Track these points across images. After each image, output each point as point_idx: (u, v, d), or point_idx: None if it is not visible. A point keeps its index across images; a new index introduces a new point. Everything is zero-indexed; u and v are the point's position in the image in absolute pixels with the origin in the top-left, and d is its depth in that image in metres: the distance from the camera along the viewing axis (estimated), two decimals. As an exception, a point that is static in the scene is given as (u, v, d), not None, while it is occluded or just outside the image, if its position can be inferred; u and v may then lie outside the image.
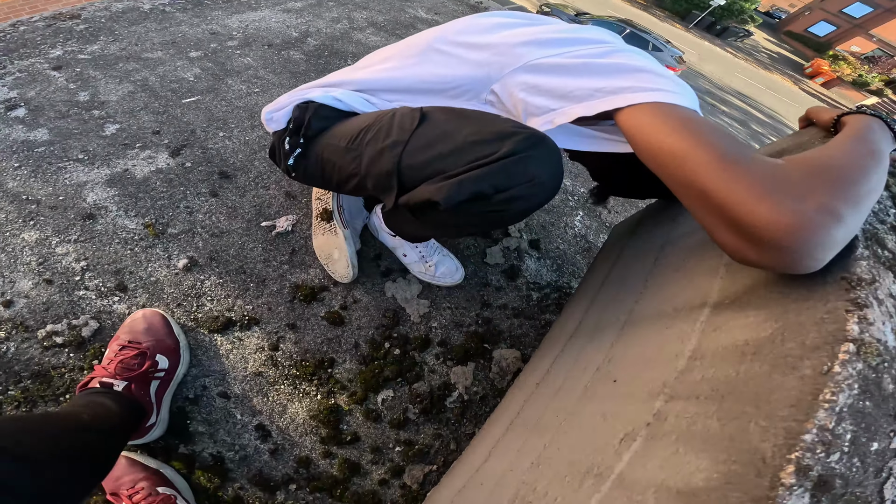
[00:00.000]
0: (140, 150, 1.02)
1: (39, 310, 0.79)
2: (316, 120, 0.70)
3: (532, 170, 0.54)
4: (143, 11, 1.62)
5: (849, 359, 0.30)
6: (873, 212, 0.43)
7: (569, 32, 0.60)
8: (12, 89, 1.11)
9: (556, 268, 1.16)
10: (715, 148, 0.40)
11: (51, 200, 0.90)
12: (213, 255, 0.89)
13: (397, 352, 0.88)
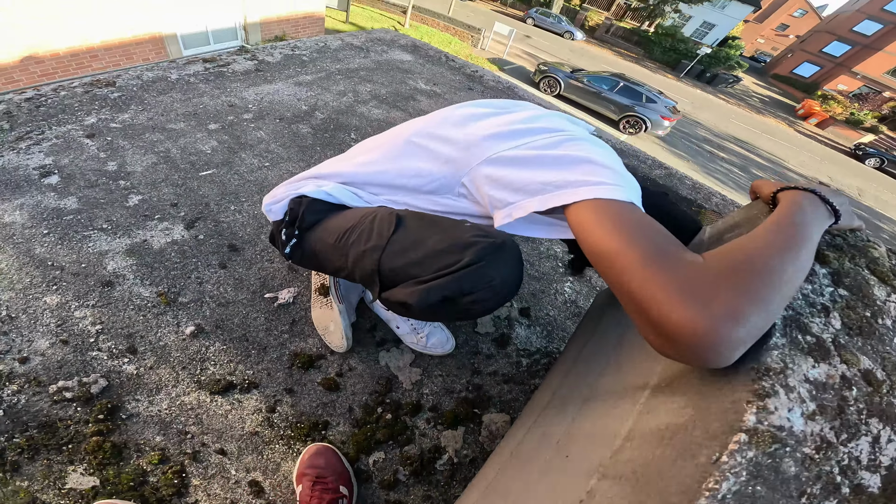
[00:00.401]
0: (159, 221, 1.13)
1: (53, 367, 0.86)
2: (309, 213, 0.78)
3: (491, 275, 0.61)
4: (170, 81, 1.79)
5: (738, 448, 0.32)
6: (804, 294, 0.44)
7: (529, 122, 0.65)
8: (48, 155, 1.23)
9: (545, 334, 1.20)
10: (640, 249, 0.43)
11: (74, 267, 0.99)
12: (218, 324, 0.97)
13: (389, 416, 0.94)
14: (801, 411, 0.35)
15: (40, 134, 1.31)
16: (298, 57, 2.25)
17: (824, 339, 0.41)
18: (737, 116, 19.83)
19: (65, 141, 1.30)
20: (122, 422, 0.82)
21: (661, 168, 2.09)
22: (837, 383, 0.38)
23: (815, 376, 0.38)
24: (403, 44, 2.77)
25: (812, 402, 0.36)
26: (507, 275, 0.62)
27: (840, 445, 0.34)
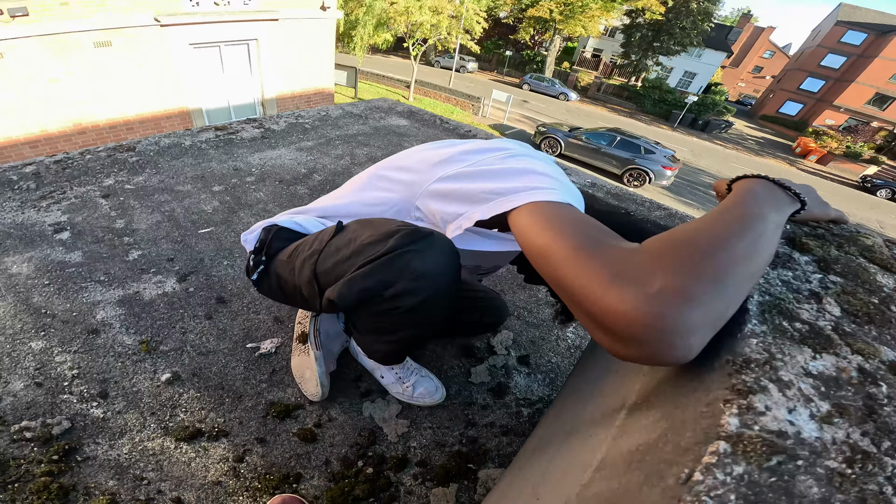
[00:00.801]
0: (153, 274, 1.21)
1: (21, 407, 0.88)
2: (276, 241, 0.80)
3: (414, 263, 0.59)
4: (184, 147, 1.98)
5: (717, 462, 0.25)
6: (783, 281, 0.40)
7: (478, 145, 0.66)
8: (64, 213, 1.36)
9: (548, 382, 1.16)
10: (571, 240, 0.41)
11: (65, 315, 1.06)
12: (195, 371, 1.00)
13: (370, 471, 0.88)
14: (809, 413, 0.28)
15: (61, 193, 1.45)
16: (301, 125, 2.48)
17: (821, 327, 0.35)
18: (736, 160, 20.19)
19: (82, 200, 1.44)
20: (77, 464, 0.81)
21: (660, 209, 2.11)
22: (855, 378, 0.31)
23: (819, 370, 0.31)
24: (400, 110, 2.99)
25: (824, 402, 0.29)
26: (430, 263, 0.60)
27: (884, 456, 0.26)
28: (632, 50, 27.05)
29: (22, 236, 1.27)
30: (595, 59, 33.34)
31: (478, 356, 1.18)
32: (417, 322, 0.70)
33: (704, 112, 25.67)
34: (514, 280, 1.47)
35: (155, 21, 5.93)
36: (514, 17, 28.74)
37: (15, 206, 1.42)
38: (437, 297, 0.63)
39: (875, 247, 0.48)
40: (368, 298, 0.63)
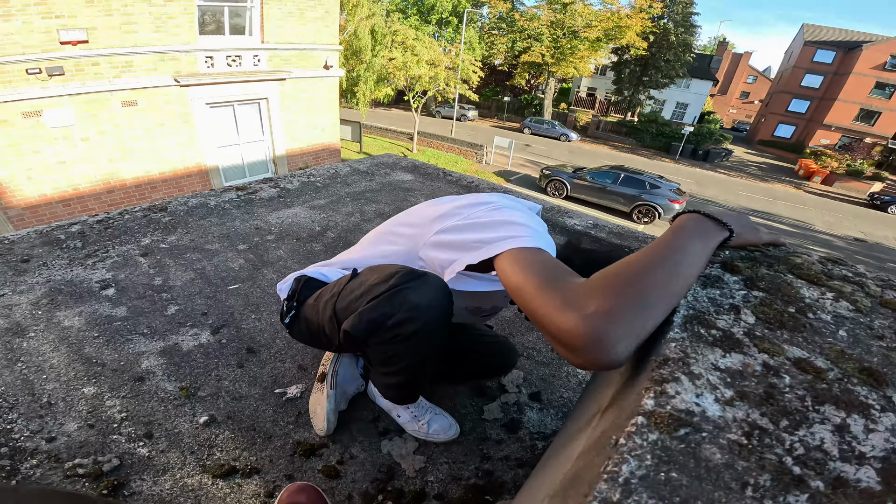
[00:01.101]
0: (190, 327, 1.35)
1: (75, 447, 0.96)
2: (305, 289, 0.93)
3: (410, 297, 0.71)
4: (209, 207, 2.18)
5: (636, 430, 0.32)
6: (710, 298, 0.47)
7: (470, 200, 0.79)
8: (109, 271, 1.52)
9: (560, 416, 1.19)
10: (538, 279, 0.52)
11: (114, 364, 1.18)
12: (230, 415, 1.08)
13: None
14: (714, 397, 0.35)
15: (105, 252, 1.62)
16: (313, 183, 2.68)
17: (733, 332, 0.43)
18: (742, 188, 20.33)
19: (123, 259, 1.61)
20: (124, 498, 0.88)
21: None
22: (759, 371, 0.38)
23: (727, 365, 0.39)
24: (404, 165, 3.20)
25: (728, 389, 0.36)
26: (425, 297, 0.72)
27: (783, 433, 0.33)
28: (623, 86, 28.32)
29: (72, 292, 1.43)
30: (590, 98, 34.61)
31: (490, 395, 1.24)
32: (417, 349, 0.80)
33: (703, 142, 26.25)
34: (522, 323, 1.56)
35: (175, 81, 6.44)
36: (508, 63, 30.28)
37: (64, 263, 1.59)
38: (431, 324, 0.74)
39: (805, 264, 0.55)
40: (375, 329, 0.75)
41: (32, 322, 1.32)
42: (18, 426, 1.01)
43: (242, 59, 7.24)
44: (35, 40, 5.08)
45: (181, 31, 6.28)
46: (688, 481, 0.28)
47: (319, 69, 8.41)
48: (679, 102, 31.37)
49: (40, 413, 1.04)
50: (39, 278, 1.51)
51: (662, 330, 0.44)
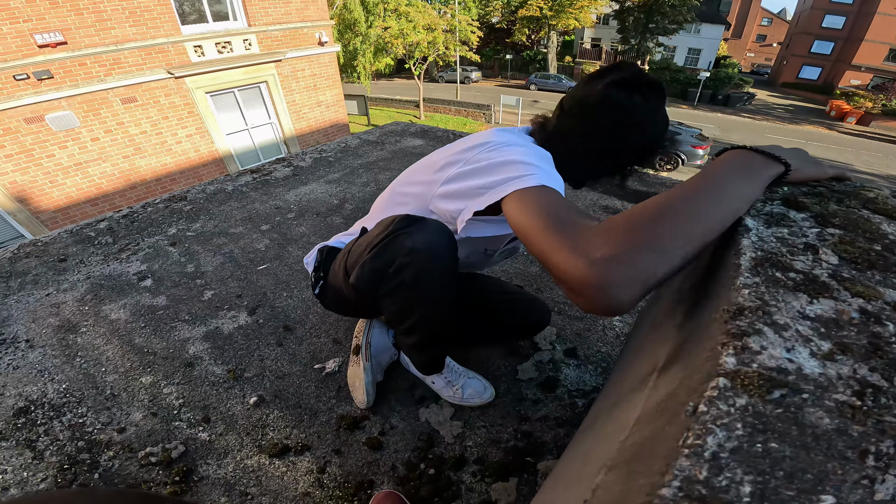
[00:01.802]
0: (227, 311, 1.37)
1: (143, 436, 1.01)
2: (328, 258, 0.98)
3: (406, 242, 0.71)
4: (227, 192, 2.18)
5: (719, 395, 0.27)
6: (778, 238, 0.42)
7: (466, 143, 0.77)
8: (143, 263, 1.55)
9: (600, 371, 1.16)
10: (544, 220, 0.50)
11: (164, 352, 1.22)
12: (277, 393, 1.12)
13: (432, 472, 0.94)
14: (809, 351, 0.30)
15: (136, 245, 1.65)
16: (325, 158, 2.66)
17: (816, 275, 0.38)
18: (771, 130, 19.45)
19: (154, 250, 1.63)
20: (195, 483, 0.92)
21: None
22: (857, 319, 0.33)
23: (816, 313, 0.34)
24: (413, 131, 3.14)
25: (824, 341, 0.31)
26: (420, 240, 0.71)
27: None
28: (629, 34, 26.54)
29: (113, 286, 1.47)
30: (596, 49, 32.96)
31: (523, 354, 1.22)
32: (424, 295, 0.78)
33: (721, 86, 24.95)
34: (550, 278, 1.53)
35: (169, 74, 6.38)
36: (506, 20, 28.96)
37: (99, 259, 1.63)
38: (431, 268, 0.73)
39: (879, 198, 0.49)
40: (378, 278, 0.75)
41: (81, 318, 1.37)
42: (90, 419, 1.07)
43: (233, 45, 7.06)
44: (11, 45, 5.09)
45: (161, 24, 6.16)
46: (792, 452, 0.24)
47: (314, 46, 8.20)
48: (691, 48, 29.60)
49: (106, 405, 1.09)
50: (79, 275, 1.55)
51: (723, 276, 0.40)
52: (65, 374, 1.18)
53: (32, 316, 1.38)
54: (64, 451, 0.99)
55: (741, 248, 0.41)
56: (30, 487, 0.93)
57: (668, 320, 0.54)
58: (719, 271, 0.45)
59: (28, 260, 1.65)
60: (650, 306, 0.86)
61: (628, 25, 26.03)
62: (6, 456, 0.99)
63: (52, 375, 1.18)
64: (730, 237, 0.47)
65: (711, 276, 0.48)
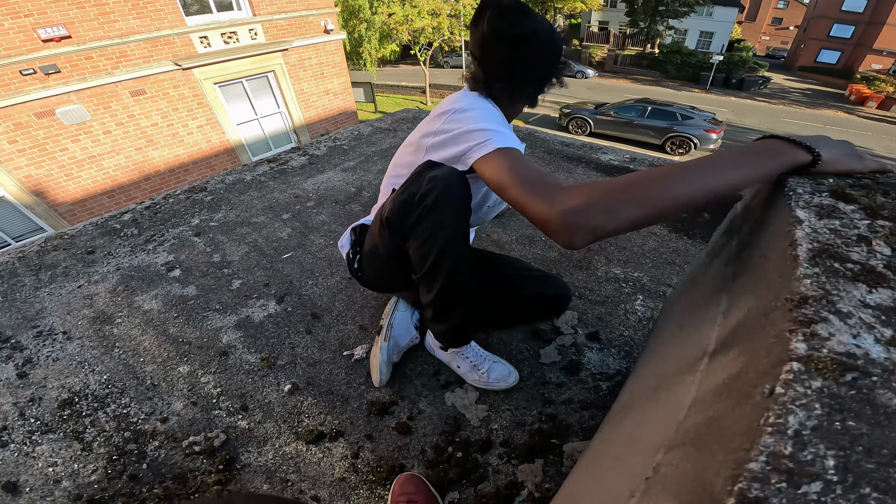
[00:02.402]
0: (256, 299, 1.39)
1: (186, 425, 1.04)
2: (362, 235, 1.07)
3: (429, 173, 0.82)
4: (246, 182, 2.18)
5: (795, 378, 0.29)
6: (831, 229, 0.44)
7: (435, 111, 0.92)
8: (170, 253, 1.56)
9: (623, 355, 1.16)
10: (516, 176, 0.66)
11: (198, 342, 1.24)
12: (309, 381, 1.13)
13: (460, 455, 0.95)
14: (873, 338, 0.32)
15: (161, 236, 1.66)
16: (340, 147, 2.65)
17: (873, 266, 0.40)
18: (787, 114, 18.89)
19: (179, 240, 1.64)
20: (237, 472, 0.94)
21: None
22: None
23: (876, 301, 0.36)
24: (424, 118, 3.12)
25: (886, 328, 0.33)
26: (441, 172, 0.82)
27: None
28: (638, 17, 25.78)
29: (143, 277, 1.49)
30: (603, 32, 32.15)
31: (545, 338, 1.22)
32: (443, 222, 0.85)
33: (735, 70, 24.17)
34: (568, 261, 1.53)
35: (176, 65, 6.37)
36: None
37: (127, 250, 1.65)
38: (451, 193, 0.82)
39: None
40: (406, 208, 0.84)
41: (115, 309, 1.39)
42: (133, 409, 1.09)
43: (238, 35, 7.01)
44: (14, 41, 5.09)
45: (165, 15, 6.12)
46: (868, 429, 0.26)
47: (320, 34, 8.14)
48: (703, 31, 28.63)
49: (148, 395, 1.12)
50: (109, 267, 1.57)
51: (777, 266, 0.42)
52: (105, 364, 1.21)
53: (67, 308, 1.41)
54: (111, 442, 1.02)
55: (796, 240, 0.43)
56: (81, 480, 0.95)
57: (711, 307, 0.55)
58: (768, 261, 0.47)
59: (56, 253, 1.68)
60: (681, 293, 0.86)
61: (637, 8, 25.25)
62: (55, 448, 1.01)
63: (92, 367, 1.21)
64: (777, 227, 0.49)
65: (759, 266, 0.49)
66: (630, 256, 1.55)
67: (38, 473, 0.97)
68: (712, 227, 1.69)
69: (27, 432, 1.05)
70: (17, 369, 1.21)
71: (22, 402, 1.12)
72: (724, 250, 0.68)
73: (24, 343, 1.29)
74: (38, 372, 1.20)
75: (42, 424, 1.07)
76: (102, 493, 0.92)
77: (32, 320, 1.36)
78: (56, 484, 0.94)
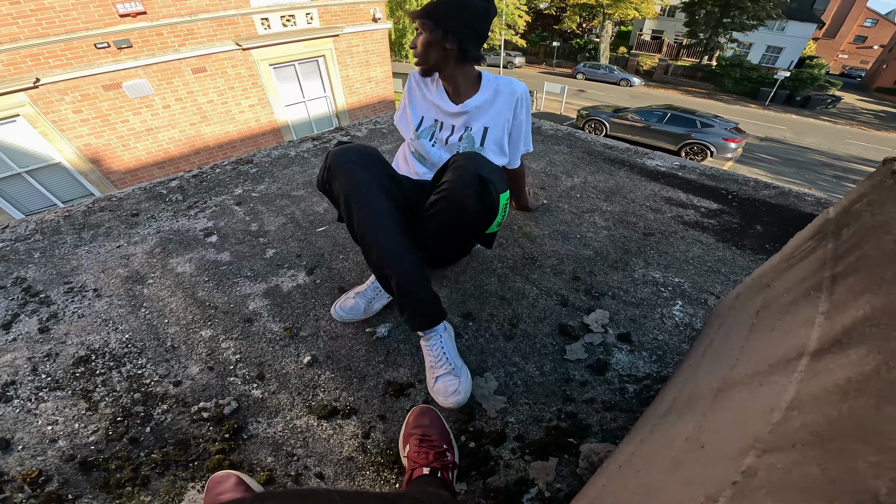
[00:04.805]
0: (287, 269, 1.40)
1: (198, 390, 1.02)
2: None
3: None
4: (290, 157, 2.22)
5: None
6: None
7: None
8: (210, 220, 1.60)
9: (655, 359, 1.12)
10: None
11: (224, 307, 1.26)
12: (329, 354, 1.12)
13: (472, 445, 0.93)
14: None
15: (204, 203, 1.71)
16: (379, 130, 2.68)
17: None
18: (853, 136, 17.65)
19: (220, 208, 1.69)
20: (243, 442, 0.92)
21: (769, 189, 1.93)
22: None
23: None
24: None
25: None
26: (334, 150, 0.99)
27: None
28: (698, 28, 24.63)
29: (181, 240, 1.53)
30: (656, 41, 30.94)
31: (572, 334, 1.18)
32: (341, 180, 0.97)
33: (801, 87, 22.65)
34: (604, 261, 1.47)
35: (237, 45, 6.63)
36: (555, 6, 27.86)
37: (169, 215, 1.71)
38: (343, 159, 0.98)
39: None
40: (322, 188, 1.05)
41: (149, 270, 1.44)
42: (148, 371, 1.09)
43: (296, 18, 7.24)
44: (94, 14, 5.38)
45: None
46: None
47: (368, 23, 8.30)
48: (771, 46, 27.10)
49: (166, 357, 1.12)
50: (150, 230, 1.64)
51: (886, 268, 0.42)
52: (129, 324, 1.23)
53: (102, 266, 1.46)
54: (119, 403, 1.01)
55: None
56: (78, 440, 0.94)
57: (803, 309, 0.53)
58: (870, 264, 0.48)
59: (102, 213, 1.76)
60: (744, 299, 0.81)
61: (698, 19, 24.09)
62: (59, 406, 1.00)
63: (116, 325, 1.23)
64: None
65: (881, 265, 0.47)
66: (671, 262, 1.49)
67: (35, 431, 0.96)
68: (764, 239, 1.59)
69: (35, 388, 1.05)
70: (41, 324, 1.24)
71: (37, 358, 1.13)
72: (812, 254, 0.64)
73: (52, 298, 1.33)
74: (60, 328, 1.22)
75: (52, 381, 1.07)
76: (98, 455, 0.91)
77: (66, 277, 1.41)
78: (51, 443, 0.94)
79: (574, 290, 1.33)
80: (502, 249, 1.49)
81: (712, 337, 0.83)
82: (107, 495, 0.84)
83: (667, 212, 1.76)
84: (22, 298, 1.33)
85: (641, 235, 1.60)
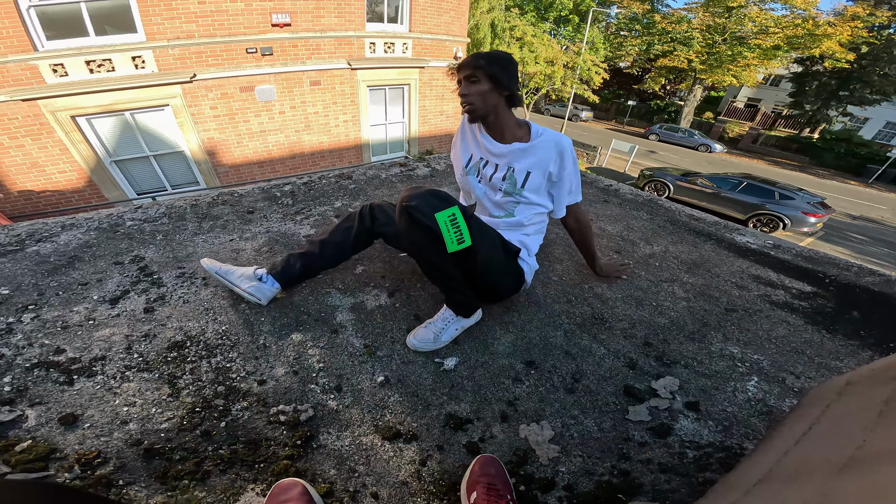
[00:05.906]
0: (371, 288, 1.52)
1: (280, 392, 1.05)
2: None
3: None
4: (381, 179, 2.43)
5: None
6: None
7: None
8: (312, 227, 1.79)
9: (721, 429, 1.11)
10: None
11: (316, 314, 1.37)
12: (400, 378, 1.16)
13: (522, 488, 0.92)
14: None
15: (309, 210, 1.92)
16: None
17: None
18: None
19: (322, 217, 1.88)
20: (312, 450, 0.93)
21: (873, 275, 1.82)
22: None
23: None
24: None
25: None
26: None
27: None
28: (806, 99, 23.09)
29: (286, 243, 1.73)
30: (750, 109, 29.30)
31: (637, 396, 1.18)
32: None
33: None
34: (679, 331, 1.43)
35: (347, 64, 7.36)
36: (639, 66, 27.45)
37: (279, 217, 1.94)
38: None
39: None
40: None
41: (255, 267, 1.59)
42: (237, 365, 1.13)
43: (395, 46, 7.94)
44: (253, 21, 6.16)
45: (354, 18, 7.10)
46: None
47: (450, 59, 8.90)
48: (890, 122, 24.67)
49: (256, 354, 1.17)
50: (261, 228, 1.86)
51: None
52: (227, 316, 1.30)
53: (214, 256, 1.60)
54: (201, 394, 1.03)
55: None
56: (150, 426, 0.95)
57: None
58: None
59: (223, 206, 2.03)
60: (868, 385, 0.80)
61: (809, 90, 22.62)
62: (142, 388, 1.01)
63: (216, 315, 1.29)
64: None
65: None
66: (752, 339, 1.44)
67: (109, 411, 0.96)
68: (859, 325, 1.49)
69: (123, 367, 1.07)
70: (147, 304, 1.30)
71: (135, 336, 1.17)
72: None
73: (164, 280, 1.43)
74: (164, 310, 1.28)
75: (143, 362, 1.09)
76: (165, 444, 0.91)
77: (181, 262, 1.55)
78: (122, 425, 0.93)
79: (644, 354, 1.32)
80: (570, 306, 1.51)
81: (817, 417, 0.83)
82: (160, 485, 0.83)
83: (753, 290, 1.69)
84: (136, 276, 1.45)
85: (723, 310, 1.55)
